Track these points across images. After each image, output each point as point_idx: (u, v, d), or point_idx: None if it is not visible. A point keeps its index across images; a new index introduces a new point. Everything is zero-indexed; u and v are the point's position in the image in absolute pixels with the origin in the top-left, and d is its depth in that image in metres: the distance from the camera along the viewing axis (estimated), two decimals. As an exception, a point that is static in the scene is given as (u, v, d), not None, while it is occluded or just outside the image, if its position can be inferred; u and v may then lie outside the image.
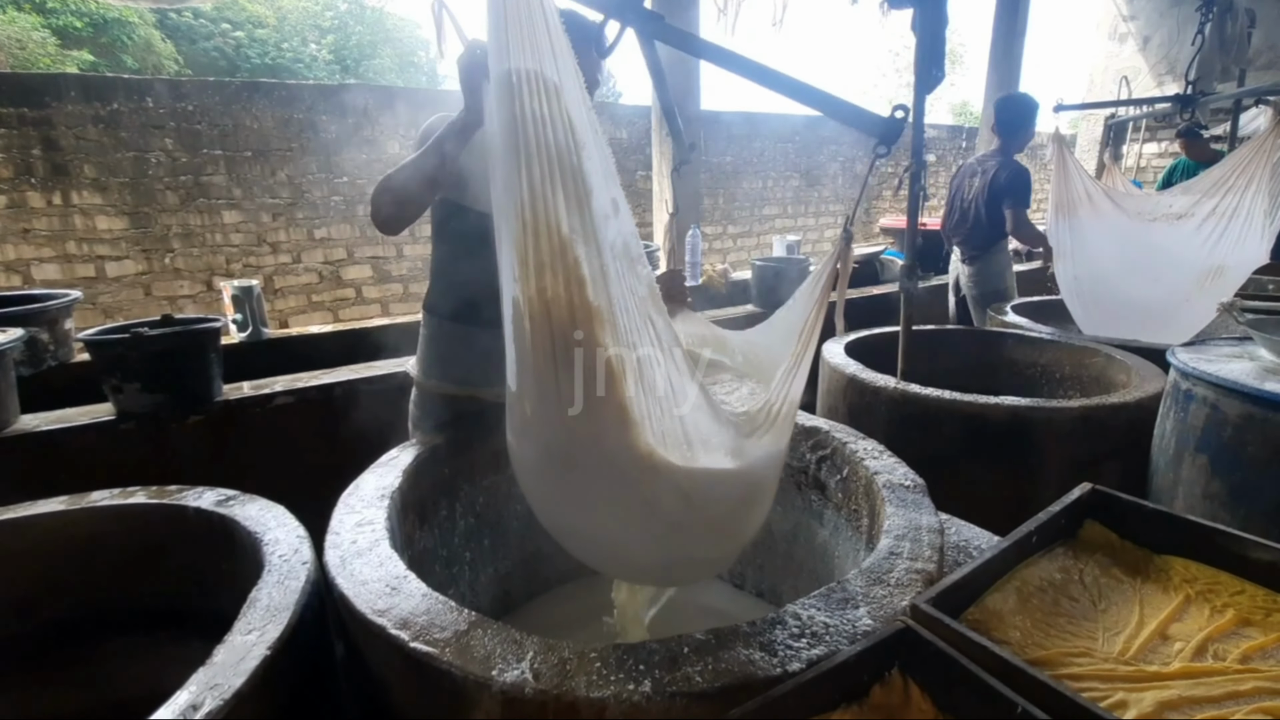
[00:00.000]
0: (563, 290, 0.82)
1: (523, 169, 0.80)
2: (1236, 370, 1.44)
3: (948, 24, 1.79)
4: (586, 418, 0.86)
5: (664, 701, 0.77)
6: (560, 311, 0.82)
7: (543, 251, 0.81)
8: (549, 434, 0.94)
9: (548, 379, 0.86)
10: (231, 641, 0.88)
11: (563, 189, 0.81)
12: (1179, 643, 0.87)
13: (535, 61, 0.80)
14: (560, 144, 0.80)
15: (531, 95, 0.79)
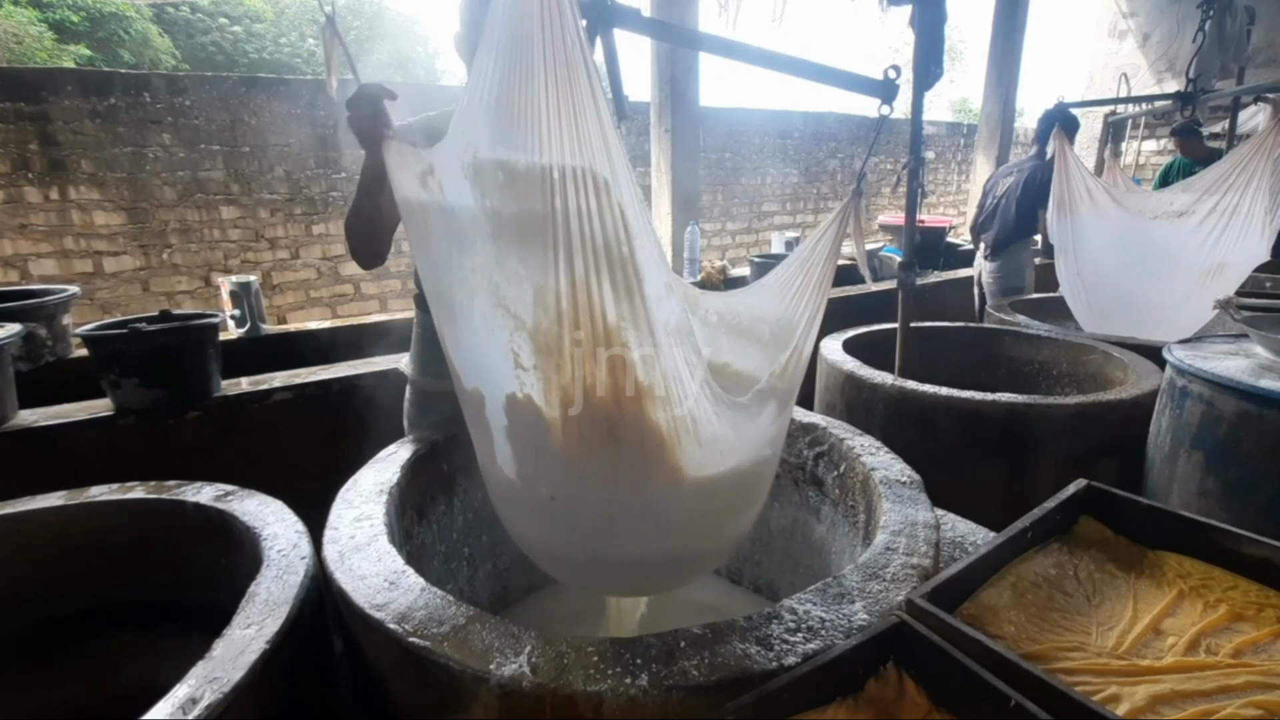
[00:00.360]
0: (607, 378, 0.85)
1: (558, 265, 0.80)
2: (1232, 367, 1.45)
3: (947, 20, 1.79)
4: (633, 487, 0.95)
5: (660, 695, 0.78)
6: (603, 395, 0.86)
7: (585, 340, 0.83)
8: (585, 507, 0.99)
9: (588, 459, 0.92)
10: (230, 635, 0.88)
11: (611, 281, 0.81)
12: (1172, 637, 0.88)
13: (585, 159, 0.77)
14: (610, 236, 0.79)
15: (578, 192, 0.77)
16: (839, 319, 2.87)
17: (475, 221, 0.88)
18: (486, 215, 0.86)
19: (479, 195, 0.86)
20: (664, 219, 3.88)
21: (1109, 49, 7.32)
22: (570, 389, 0.87)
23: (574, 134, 0.77)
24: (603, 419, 0.89)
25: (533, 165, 0.79)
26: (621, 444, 0.91)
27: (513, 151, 0.81)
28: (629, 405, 0.88)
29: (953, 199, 8.84)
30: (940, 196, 8.70)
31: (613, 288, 0.81)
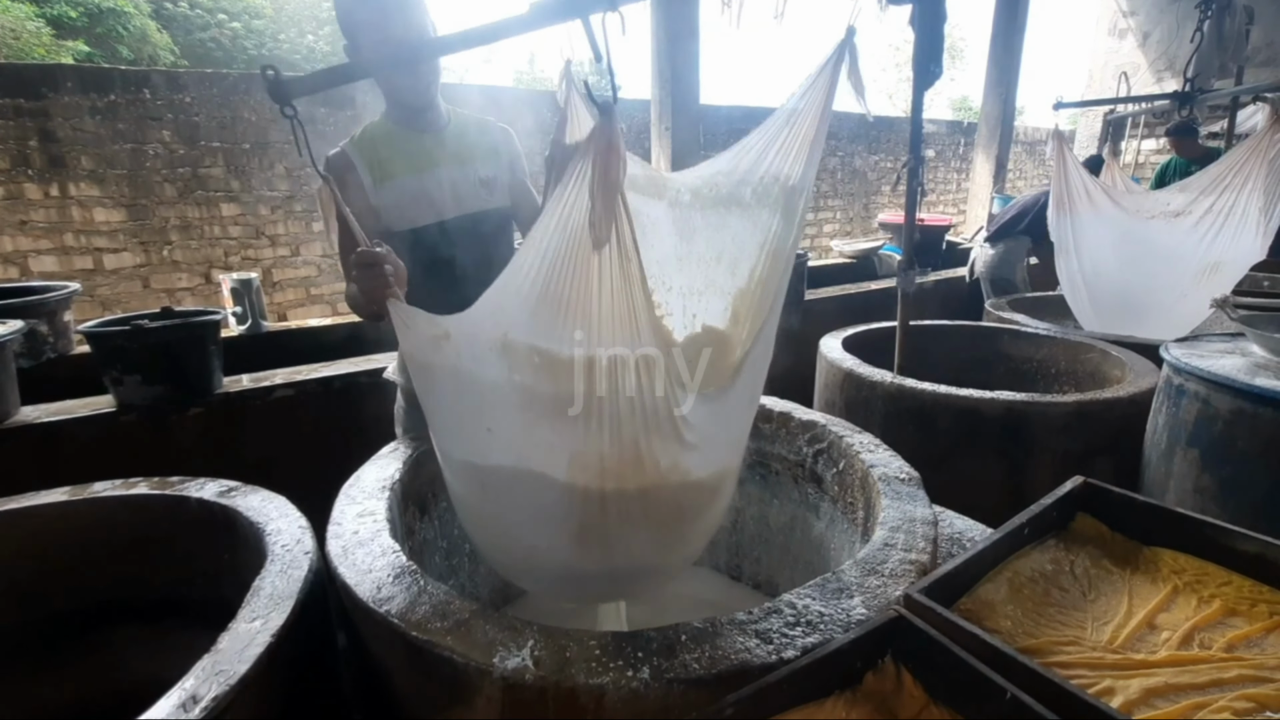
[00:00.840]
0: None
1: (603, 432, 0.87)
2: (1228, 365, 1.46)
3: (946, 20, 1.79)
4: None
5: (661, 688, 0.79)
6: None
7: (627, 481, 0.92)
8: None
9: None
10: (236, 629, 0.89)
11: (658, 435, 0.89)
12: (1166, 632, 0.89)
13: (634, 347, 0.83)
14: (659, 402, 0.86)
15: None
16: (841, 316, 2.88)
17: (499, 391, 0.92)
18: (514, 389, 0.90)
19: (507, 370, 0.90)
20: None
21: (1109, 48, 7.33)
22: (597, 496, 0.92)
23: (628, 329, 0.82)
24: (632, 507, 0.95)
25: (580, 355, 0.83)
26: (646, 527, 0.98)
27: (553, 344, 0.85)
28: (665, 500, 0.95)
29: (953, 197, 8.85)
30: (940, 195, 8.71)
31: (660, 440, 0.89)
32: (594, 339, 0.82)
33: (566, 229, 0.79)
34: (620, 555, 1.01)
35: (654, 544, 1.03)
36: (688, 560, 1.25)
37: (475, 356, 0.92)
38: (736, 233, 1.16)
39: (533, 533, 1.03)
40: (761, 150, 1.11)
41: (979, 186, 6.26)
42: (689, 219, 1.21)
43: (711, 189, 1.19)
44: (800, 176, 1.07)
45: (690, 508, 1.04)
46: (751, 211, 1.13)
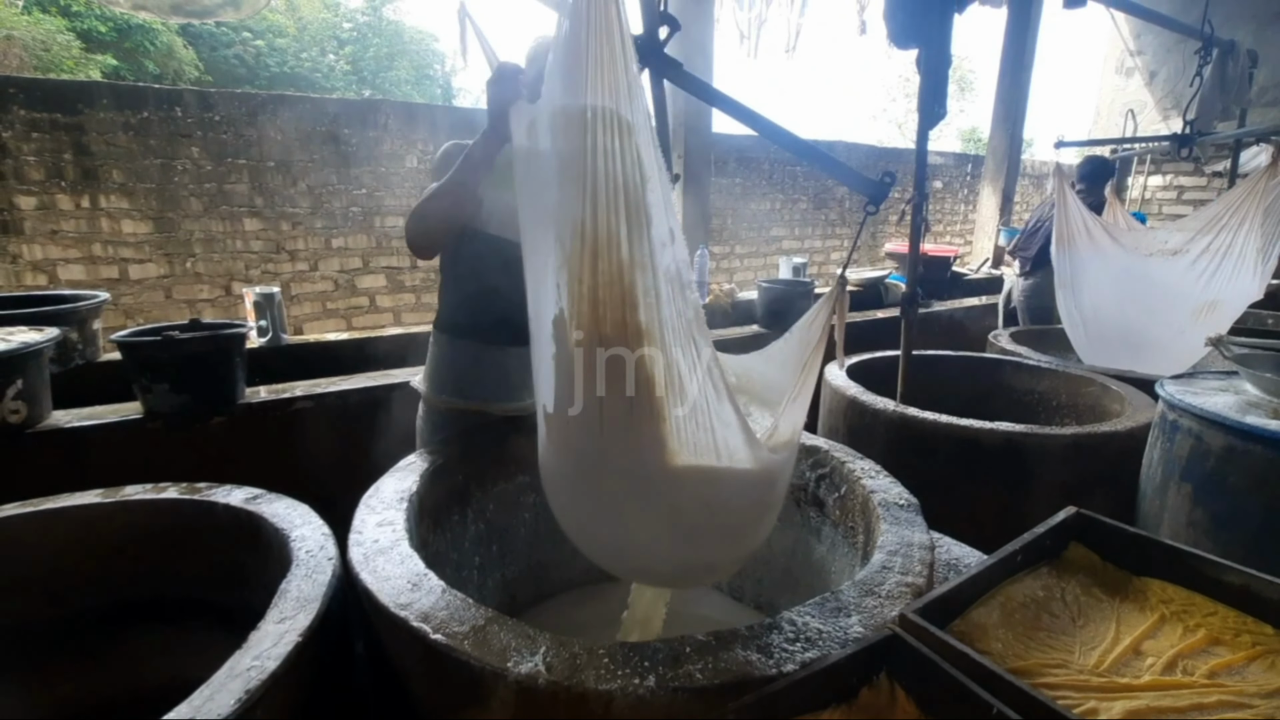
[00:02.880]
0: (617, 311, 0.91)
1: (587, 196, 0.88)
2: (1220, 403, 1.50)
3: (951, 64, 1.87)
4: (625, 427, 0.96)
5: (666, 696, 0.83)
6: (611, 329, 0.91)
7: (599, 273, 0.90)
8: (586, 442, 1.02)
9: (591, 391, 0.95)
10: (265, 629, 0.94)
11: (626, 218, 0.88)
12: (1151, 658, 0.93)
13: (613, 101, 0.86)
14: (628, 177, 0.88)
15: (605, 131, 0.86)
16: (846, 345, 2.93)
17: (548, 162, 0.99)
18: (555, 154, 0.96)
19: (551, 138, 0.97)
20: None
21: (1116, 85, 7.44)
22: (584, 321, 0.93)
23: (609, 80, 0.86)
24: (615, 353, 0.93)
25: (579, 105, 0.88)
26: (628, 379, 0.94)
27: (568, 98, 0.91)
28: (633, 337, 0.92)
29: (959, 229, 8.93)
30: (947, 226, 8.79)
31: (629, 227, 0.89)
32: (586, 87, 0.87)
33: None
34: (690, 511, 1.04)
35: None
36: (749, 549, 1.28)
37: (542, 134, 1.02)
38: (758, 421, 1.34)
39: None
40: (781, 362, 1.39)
41: (985, 218, 6.34)
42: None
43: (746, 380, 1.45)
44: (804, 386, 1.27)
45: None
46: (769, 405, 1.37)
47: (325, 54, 17.76)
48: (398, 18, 19.74)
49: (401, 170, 4.37)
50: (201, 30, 15.13)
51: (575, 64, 0.88)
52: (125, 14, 11.85)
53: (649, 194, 0.90)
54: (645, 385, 0.93)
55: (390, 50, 19.13)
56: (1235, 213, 2.30)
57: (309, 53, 17.12)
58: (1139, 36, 6.95)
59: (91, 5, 12.48)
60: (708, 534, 1.09)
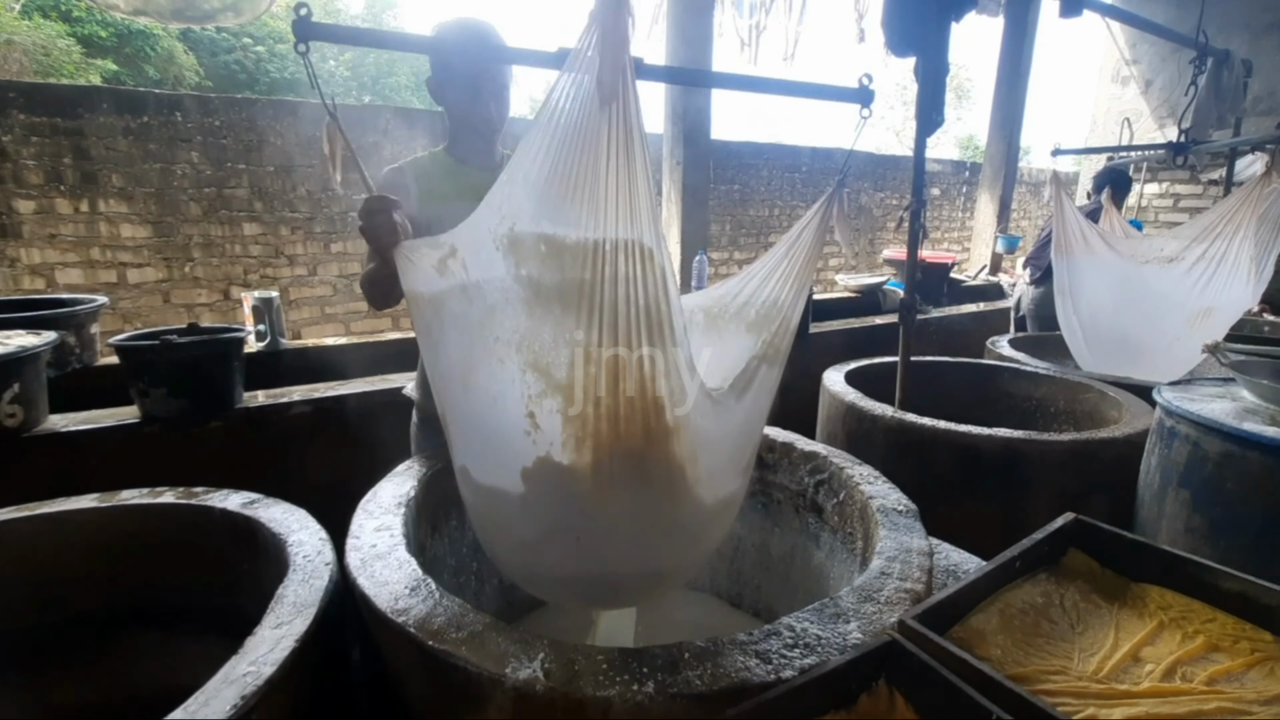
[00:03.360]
0: (644, 419, 0.94)
1: (602, 323, 0.89)
2: (1217, 409, 1.50)
3: (948, 72, 1.88)
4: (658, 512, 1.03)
5: (665, 702, 0.83)
6: (638, 434, 0.94)
7: (624, 389, 0.91)
8: (613, 539, 1.05)
9: (619, 495, 0.99)
10: (261, 634, 0.94)
11: (648, 333, 0.90)
12: (1150, 664, 0.93)
13: (635, 232, 0.86)
14: (651, 297, 0.89)
15: (628, 260, 0.87)
16: (844, 350, 2.94)
17: (505, 292, 0.95)
18: (520, 284, 0.93)
19: (513, 266, 0.93)
20: (674, 247, 3.98)
21: (1112, 94, 7.48)
22: (602, 436, 0.94)
23: (629, 211, 0.85)
24: (635, 456, 0.96)
25: (584, 239, 0.87)
26: (651, 476, 0.99)
27: (561, 227, 0.89)
28: (658, 440, 0.95)
29: (957, 235, 8.97)
30: (945, 233, 8.83)
31: (649, 341, 0.90)
32: (599, 222, 0.85)
33: (577, 95, 0.83)
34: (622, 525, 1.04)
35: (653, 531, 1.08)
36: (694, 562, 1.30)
37: (481, 263, 0.96)
38: (741, 345, 1.27)
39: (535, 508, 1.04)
40: (764, 278, 1.27)
41: (983, 225, 6.36)
42: (702, 335, 1.34)
43: (720, 309, 1.35)
44: (794, 297, 1.23)
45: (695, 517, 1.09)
46: (755, 329, 1.26)
47: (325, 60, 17.81)
48: (398, 24, 19.84)
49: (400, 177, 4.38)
50: (202, 36, 15.16)
51: (577, 193, 0.86)
52: (126, 19, 11.89)
53: (671, 308, 0.91)
54: (676, 462, 0.98)
55: (390, 56, 19.18)
56: (1230, 221, 2.31)
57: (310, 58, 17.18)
58: (1134, 46, 6.99)
59: (92, 11, 12.52)
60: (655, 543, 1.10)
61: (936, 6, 1.79)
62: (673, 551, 1.12)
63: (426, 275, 1.04)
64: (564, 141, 0.85)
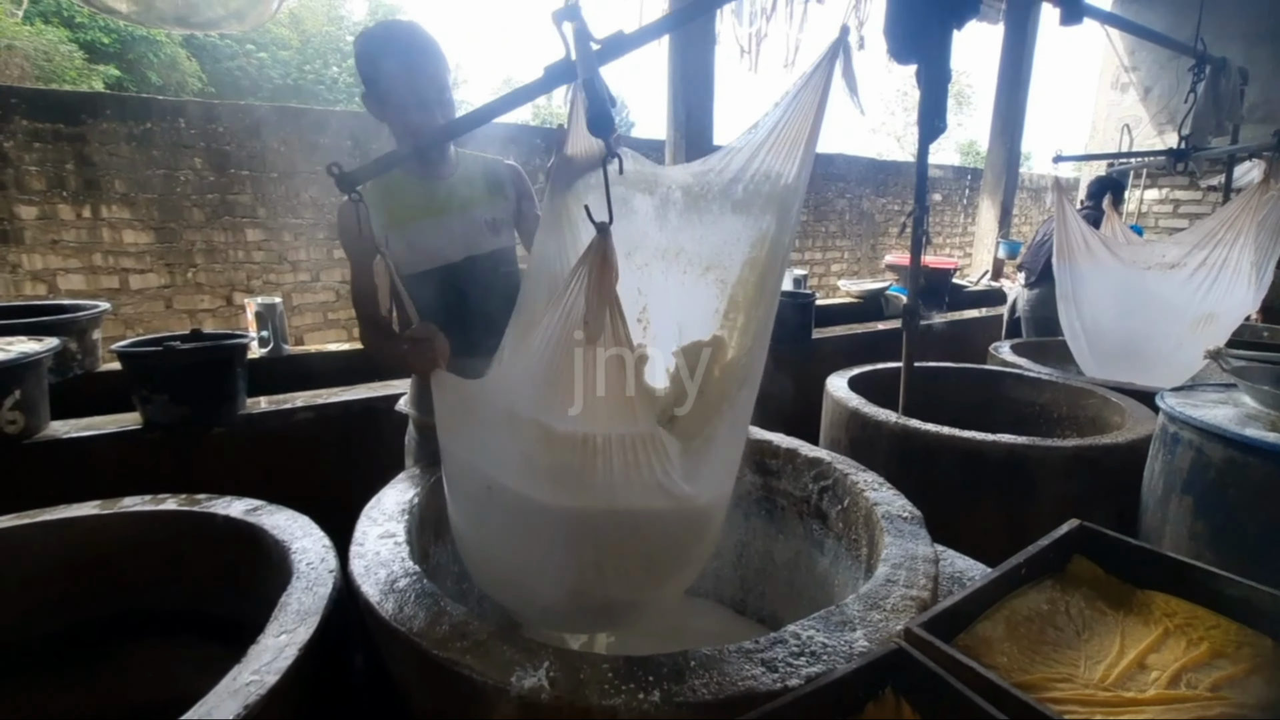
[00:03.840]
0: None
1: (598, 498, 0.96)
2: (1220, 415, 1.50)
3: (951, 79, 1.89)
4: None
5: (671, 710, 0.82)
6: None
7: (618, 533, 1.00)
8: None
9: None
10: (264, 642, 0.93)
11: (648, 494, 0.97)
12: (1155, 671, 0.92)
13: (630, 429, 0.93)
14: (654, 464, 0.96)
15: (624, 450, 0.94)
16: (848, 355, 2.94)
17: (507, 452, 1.03)
18: (519, 454, 1.01)
19: (512, 439, 1.01)
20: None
21: (1112, 100, 7.49)
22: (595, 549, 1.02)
23: (624, 415, 0.92)
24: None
25: (574, 433, 0.93)
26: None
27: (553, 420, 0.94)
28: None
29: (959, 241, 8.98)
30: (946, 238, 8.84)
31: (647, 499, 0.96)
32: (590, 420, 0.91)
33: (568, 322, 0.89)
34: (615, 588, 1.08)
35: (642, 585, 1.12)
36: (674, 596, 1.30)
37: (491, 422, 1.05)
38: (729, 231, 1.17)
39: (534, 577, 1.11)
40: (755, 148, 1.10)
41: (984, 231, 6.37)
42: (680, 216, 1.24)
43: (703, 186, 1.20)
44: (794, 176, 1.06)
45: (677, 554, 1.12)
46: (743, 209, 1.14)
47: (329, 66, 17.87)
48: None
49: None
50: (205, 42, 15.25)
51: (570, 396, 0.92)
52: (130, 26, 11.94)
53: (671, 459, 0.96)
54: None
55: (384, 55, 19.22)
56: (1230, 227, 2.32)
57: (312, 65, 17.24)
58: (1133, 53, 7.02)
59: (95, 17, 12.58)
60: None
61: (938, 14, 1.79)
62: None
63: (449, 400, 1.14)
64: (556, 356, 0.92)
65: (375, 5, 19.76)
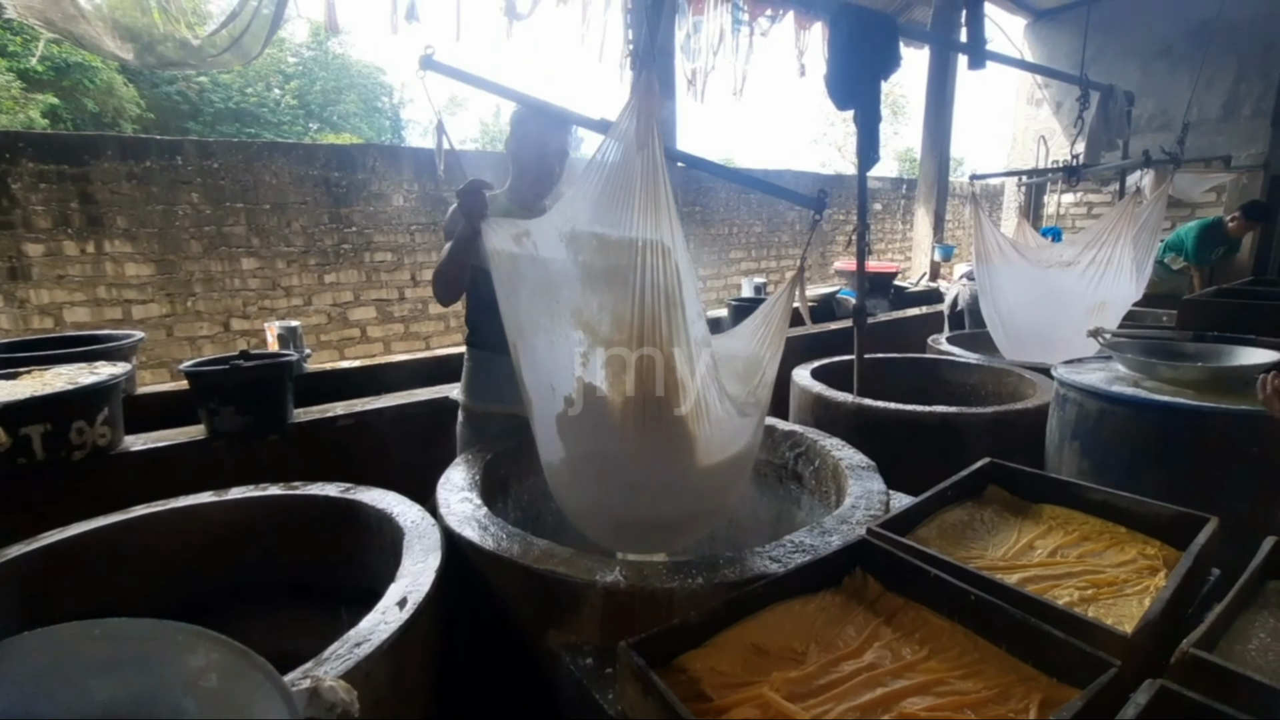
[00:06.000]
0: (660, 370, 1.29)
1: (635, 299, 1.25)
2: (1096, 379, 1.96)
3: (880, 120, 2.33)
4: (667, 450, 1.38)
5: (711, 589, 1.19)
6: (650, 382, 1.30)
7: (646, 346, 1.28)
8: (629, 467, 1.40)
9: (640, 430, 1.36)
10: (408, 567, 1.26)
11: (666, 310, 1.26)
12: (1040, 551, 1.33)
13: (658, 235, 1.24)
14: (670, 282, 1.25)
15: (653, 254, 1.23)
16: (808, 352, 3.36)
17: (566, 271, 1.35)
18: (578, 267, 1.33)
19: (573, 254, 1.34)
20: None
21: (1028, 114, 8.27)
22: (628, 383, 1.31)
23: (654, 220, 1.23)
24: (652, 402, 1.32)
25: (622, 237, 1.25)
26: (662, 419, 1.35)
27: (607, 228, 1.28)
28: (671, 392, 1.32)
29: (899, 245, 9.65)
30: (888, 244, 9.50)
31: (668, 316, 1.27)
32: (634, 226, 1.23)
33: (622, 142, 1.24)
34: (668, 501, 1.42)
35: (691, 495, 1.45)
36: (722, 511, 1.66)
37: (548, 245, 1.37)
38: (735, 390, 1.58)
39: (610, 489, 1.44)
40: (749, 338, 1.65)
41: (921, 236, 6.98)
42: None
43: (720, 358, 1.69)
44: (774, 353, 1.60)
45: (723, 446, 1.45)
46: (743, 378, 1.61)
47: (271, 89, 17.68)
48: (343, 51, 19.80)
49: (389, 209, 4.67)
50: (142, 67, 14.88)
51: (619, 206, 1.24)
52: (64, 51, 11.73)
53: (685, 293, 1.29)
54: (671, 411, 1.35)
55: (337, 84, 19.13)
56: (1112, 231, 2.83)
57: (254, 88, 17.02)
58: (1044, 72, 7.79)
59: (29, 44, 12.32)
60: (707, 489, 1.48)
61: (869, 70, 2.23)
62: (689, 491, 1.48)
63: (506, 241, 1.45)
64: (612, 171, 1.25)
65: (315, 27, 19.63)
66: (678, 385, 1.32)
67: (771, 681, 0.95)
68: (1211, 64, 5.97)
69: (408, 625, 1.10)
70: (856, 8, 2.26)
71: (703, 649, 1.00)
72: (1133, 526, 1.36)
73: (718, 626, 1.03)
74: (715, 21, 5.00)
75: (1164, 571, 1.20)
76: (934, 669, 0.99)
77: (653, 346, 1.28)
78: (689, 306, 1.29)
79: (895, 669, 0.99)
